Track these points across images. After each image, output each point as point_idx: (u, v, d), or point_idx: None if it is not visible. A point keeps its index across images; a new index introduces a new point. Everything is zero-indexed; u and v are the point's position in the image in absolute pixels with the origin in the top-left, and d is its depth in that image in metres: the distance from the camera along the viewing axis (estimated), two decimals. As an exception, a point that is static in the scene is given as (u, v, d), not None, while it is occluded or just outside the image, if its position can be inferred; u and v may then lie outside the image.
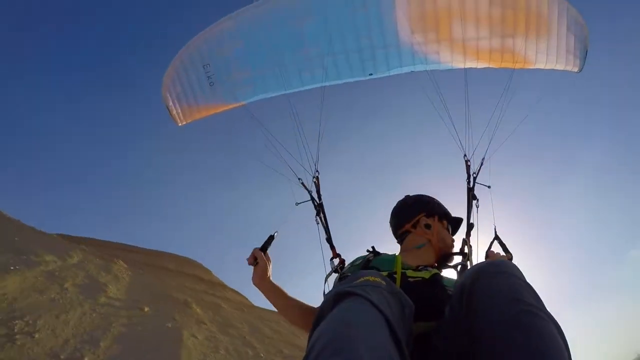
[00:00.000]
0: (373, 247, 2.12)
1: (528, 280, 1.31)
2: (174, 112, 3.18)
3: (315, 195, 2.60)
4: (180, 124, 3.25)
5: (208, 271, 25.59)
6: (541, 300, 1.21)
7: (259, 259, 2.03)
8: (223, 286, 23.72)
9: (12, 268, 8.47)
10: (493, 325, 1.16)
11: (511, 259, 1.97)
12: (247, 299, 23.47)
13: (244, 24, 3.02)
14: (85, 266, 11.71)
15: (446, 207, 2.34)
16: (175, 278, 20.73)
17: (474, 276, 1.34)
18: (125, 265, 14.42)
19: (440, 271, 2.01)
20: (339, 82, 3.33)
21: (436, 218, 2.22)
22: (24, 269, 8.78)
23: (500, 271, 1.32)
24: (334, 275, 2.17)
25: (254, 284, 2.01)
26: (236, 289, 24.50)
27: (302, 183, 2.62)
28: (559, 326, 1.14)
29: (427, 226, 2.17)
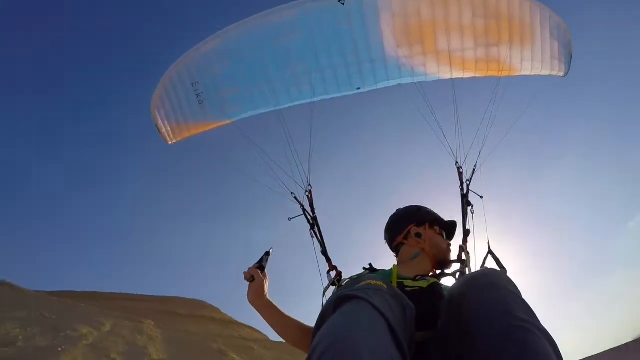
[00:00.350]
0: (370, 265, 2.09)
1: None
2: (163, 130, 3.18)
3: (308, 209, 2.56)
4: (170, 142, 3.25)
5: (217, 310, 25.75)
6: (534, 314, 1.19)
7: (255, 276, 1.97)
8: (236, 324, 23.95)
9: (59, 349, 8.92)
10: (485, 339, 1.14)
11: (505, 273, 1.92)
12: (261, 332, 23.56)
13: (231, 42, 3.06)
14: (119, 331, 12.31)
15: (440, 214, 2.31)
16: (194, 324, 21.19)
17: (463, 287, 1.33)
18: (153, 323, 15.01)
19: (440, 280, 1.98)
20: (327, 97, 3.35)
21: (427, 225, 2.19)
22: (70, 347, 9.25)
23: (491, 282, 1.30)
24: (332, 289, 2.14)
25: (249, 301, 1.94)
26: (243, 322, 24.47)
27: (295, 197, 2.59)
28: (553, 341, 1.12)
29: (418, 235, 2.15)
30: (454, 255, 2.22)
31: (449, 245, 2.21)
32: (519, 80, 3.08)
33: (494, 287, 1.27)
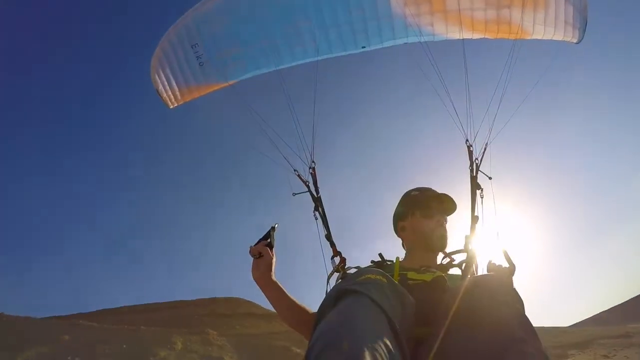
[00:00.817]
0: (380, 255, 2.03)
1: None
2: (164, 95, 3.10)
3: (312, 188, 2.41)
4: (171, 107, 3.19)
5: (255, 304, 25.42)
6: (533, 333, 1.17)
7: (263, 252, 1.82)
8: (277, 315, 23.35)
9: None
10: (480, 357, 1.13)
11: (514, 271, 1.79)
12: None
13: (231, 0, 2.89)
14: (191, 347, 12.98)
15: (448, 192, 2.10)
16: (245, 323, 21.61)
17: (463, 296, 1.31)
18: (215, 332, 15.51)
19: (447, 270, 1.93)
20: (332, 55, 3.25)
21: (409, 215, 2.08)
22: (161, 373, 9.49)
23: (492, 296, 1.28)
24: (336, 276, 2.04)
25: (254, 278, 1.81)
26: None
27: (299, 175, 2.46)
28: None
29: (403, 229, 2.10)
30: (457, 245, 2.05)
31: (438, 221, 2.01)
32: (529, 44, 2.98)
33: (494, 301, 1.25)
